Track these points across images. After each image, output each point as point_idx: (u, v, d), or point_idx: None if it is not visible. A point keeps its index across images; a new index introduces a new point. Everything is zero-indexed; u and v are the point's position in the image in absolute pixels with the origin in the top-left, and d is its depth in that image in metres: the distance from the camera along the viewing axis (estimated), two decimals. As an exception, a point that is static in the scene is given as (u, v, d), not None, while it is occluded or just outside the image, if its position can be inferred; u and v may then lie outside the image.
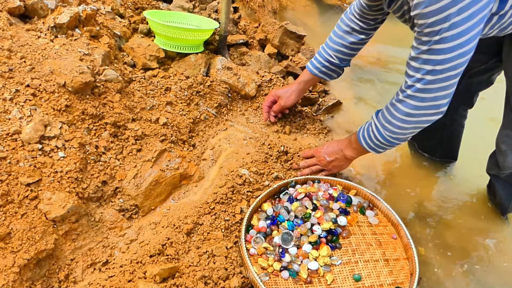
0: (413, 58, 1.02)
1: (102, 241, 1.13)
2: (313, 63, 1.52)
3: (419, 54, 1.00)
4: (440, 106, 1.06)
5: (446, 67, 0.98)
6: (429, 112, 1.07)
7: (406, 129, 1.13)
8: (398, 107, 1.11)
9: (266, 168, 1.40)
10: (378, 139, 1.20)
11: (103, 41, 1.50)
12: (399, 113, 1.11)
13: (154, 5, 1.98)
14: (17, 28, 1.30)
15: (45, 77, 1.20)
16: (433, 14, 0.90)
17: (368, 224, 1.26)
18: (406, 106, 1.09)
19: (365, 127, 1.27)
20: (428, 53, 0.98)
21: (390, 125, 1.14)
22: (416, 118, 1.09)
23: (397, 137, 1.17)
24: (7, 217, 0.98)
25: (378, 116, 1.20)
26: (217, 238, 1.16)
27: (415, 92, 1.05)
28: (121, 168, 1.25)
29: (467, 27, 0.90)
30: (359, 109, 1.94)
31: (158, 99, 1.51)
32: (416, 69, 1.03)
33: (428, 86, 1.02)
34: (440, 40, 0.94)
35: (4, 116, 1.09)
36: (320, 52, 1.50)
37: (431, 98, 1.04)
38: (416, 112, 1.08)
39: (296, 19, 2.72)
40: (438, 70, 0.99)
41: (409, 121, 1.11)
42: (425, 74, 1.01)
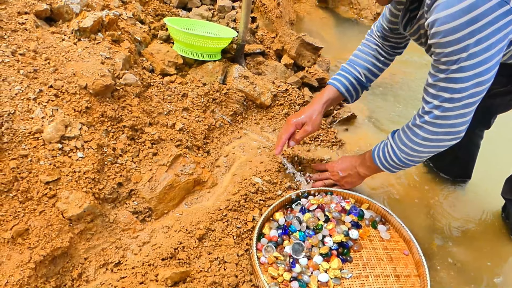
0: (431, 84, 1.02)
1: (115, 242, 1.14)
2: (340, 80, 1.39)
3: (436, 82, 1.00)
4: (458, 132, 1.06)
5: (464, 95, 0.97)
6: (447, 137, 1.07)
7: (423, 153, 1.14)
8: (415, 132, 1.11)
9: (279, 178, 1.40)
10: (393, 160, 1.20)
11: (124, 46, 1.53)
12: (417, 138, 1.11)
13: (174, 13, 2.02)
14: (43, 30, 1.34)
15: (68, 78, 1.23)
16: (450, 44, 0.89)
17: (380, 239, 1.25)
18: (424, 132, 1.09)
19: (380, 146, 1.27)
20: (445, 81, 0.98)
21: (407, 148, 1.15)
22: (434, 143, 1.09)
23: (413, 159, 1.17)
24: (26, 214, 1.00)
25: (394, 137, 1.20)
26: (228, 244, 1.17)
27: (433, 118, 1.05)
28: (136, 171, 1.27)
29: (486, 58, 0.90)
30: (373, 123, 1.95)
31: (175, 104, 1.53)
32: (434, 96, 1.02)
33: (446, 113, 1.02)
34: (458, 69, 0.93)
35: (28, 115, 1.12)
36: (347, 69, 1.40)
37: (449, 125, 1.04)
38: (434, 137, 1.08)
39: (313, 31, 2.75)
40: (456, 98, 0.98)
41: (427, 145, 1.11)
42: (443, 102, 1.01)
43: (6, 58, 1.17)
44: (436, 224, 1.51)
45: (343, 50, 2.54)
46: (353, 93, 1.41)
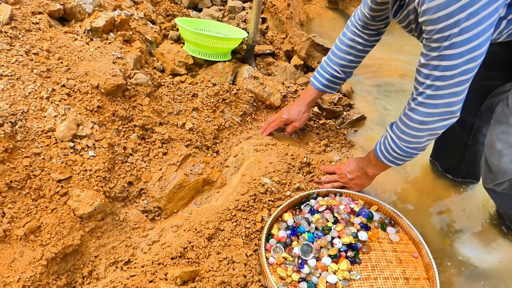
0: (423, 64, 1.02)
1: (125, 240, 1.15)
2: (319, 79, 1.52)
3: (428, 61, 1.00)
4: (453, 111, 1.05)
5: (457, 72, 0.97)
6: (443, 117, 1.06)
7: (421, 137, 1.12)
8: (411, 116, 1.10)
9: (288, 178, 1.40)
10: (395, 151, 1.19)
11: (135, 46, 1.55)
12: (413, 122, 1.10)
13: (185, 13, 2.03)
14: (56, 30, 1.35)
15: (80, 78, 1.25)
16: (442, 20, 0.89)
17: (389, 241, 1.25)
18: (419, 114, 1.08)
19: (381, 141, 1.26)
20: (437, 59, 0.97)
21: (405, 135, 1.14)
22: (430, 125, 1.08)
23: (414, 146, 1.16)
24: (38, 211, 1.02)
25: (393, 128, 1.20)
26: (237, 244, 1.17)
27: (426, 98, 1.05)
28: (147, 170, 1.27)
29: (477, 32, 0.90)
30: (383, 124, 1.94)
31: (185, 104, 1.54)
32: (426, 76, 1.02)
33: (439, 92, 1.02)
34: (450, 46, 0.93)
35: (41, 114, 1.13)
36: (325, 68, 1.50)
37: (444, 104, 1.03)
38: (430, 119, 1.07)
39: (322, 32, 2.74)
40: (448, 75, 0.98)
41: (424, 129, 1.10)
42: (435, 80, 1.01)
43: (20, 57, 1.18)
44: (445, 226, 1.50)
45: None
46: (334, 86, 1.53)
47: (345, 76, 1.50)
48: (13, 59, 1.17)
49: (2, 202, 0.99)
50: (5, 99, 1.10)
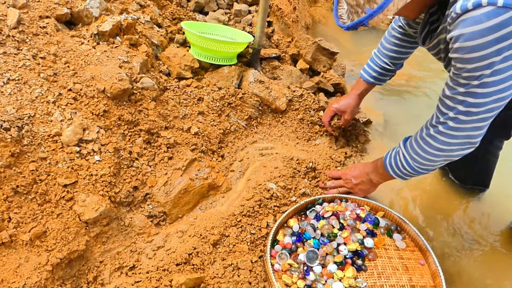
0: (448, 96, 1.00)
1: (130, 245, 1.15)
2: (368, 72, 1.53)
3: (455, 95, 0.98)
4: (473, 142, 1.04)
5: (482, 110, 0.95)
6: (462, 147, 1.06)
7: (436, 162, 1.12)
8: (428, 142, 1.09)
9: (293, 184, 1.40)
10: (405, 168, 1.19)
11: (142, 50, 1.55)
12: (430, 148, 1.09)
13: (191, 16, 2.03)
14: (63, 34, 1.36)
15: (86, 82, 1.25)
16: (475, 61, 0.87)
17: (395, 248, 1.24)
18: (437, 142, 1.07)
19: (392, 154, 1.25)
20: (464, 95, 0.95)
21: (419, 158, 1.13)
22: (447, 152, 1.08)
23: (426, 168, 1.16)
24: (44, 216, 1.02)
25: (406, 146, 1.18)
26: (242, 251, 1.16)
27: (447, 129, 1.03)
28: (152, 175, 1.27)
29: (510, 75, 0.88)
30: (389, 128, 1.92)
31: (190, 108, 1.54)
32: (450, 108, 1.01)
33: (461, 125, 1.00)
34: (479, 85, 0.91)
35: (47, 118, 1.14)
36: (374, 60, 1.51)
37: (464, 136, 1.02)
38: (448, 147, 1.06)
39: (328, 35, 2.73)
40: (473, 112, 0.97)
41: (440, 155, 1.09)
42: (459, 114, 0.99)
43: (28, 61, 1.19)
44: (452, 233, 1.49)
45: (359, 55, 2.52)
46: (384, 78, 1.54)
47: (395, 68, 1.51)
48: (20, 63, 1.17)
49: (8, 207, 0.99)
50: (12, 103, 1.10)
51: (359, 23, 0.92)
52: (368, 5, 0.89)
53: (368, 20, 0.90)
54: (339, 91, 1.95)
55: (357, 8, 0.93)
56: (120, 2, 1.72)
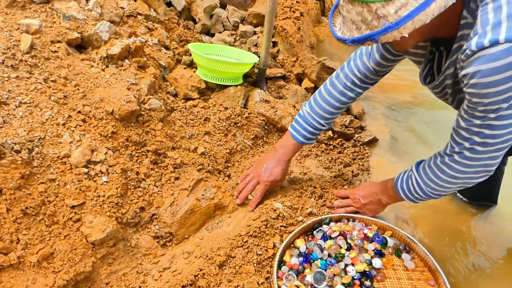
0: (463, 128, 0.99)
1: (136, 267, 1.15)
2: (301, 132, 1.41)
3: (470, 126, 0.96)
4: (489, 171, 1.03)
5: (499, 141, 0.95)
6: (477, 175, 1.05)
7: (450, 188, 1.12)
8: (443, 169, 1.08)
9: (300, 203, 1.39)
10: (418, 193, 1.18)
11: (149, 72, 1.58)
12: (445, 175, 1.09)
13: (198, 38, 2.07)
14: (73, 57, 1.39)
15: (95, 104, 1.27)
16: (491, 96, 0.86)
17: (404, 268, 1.22)
18: (452, 170, 1.06)
19: (403, 177, 1.24)
20: (480, 127, 0.94)
21: (433, 184, 1.13)
22: (462, 180, 1.07)
23: (439, 193, 1.15)
24: (52, 238, 1.03)
25: (419, 171, 1.17)
26: (248, 272, 1.16)
27: (463, 159, 1.03)
28: (158, 195, 1.28)
29: None
30: (395, 146, 1.92)
31: (197, 128, 1.56)
32: (465, 138, 1.00)
33: (477, 155, 1.00)
34: (496, 118, 0.90)
35: (57, 140, 1.16)
36: (307, 120, 1.40)
37: (480, 165, 1.02)
38: (463, 175, 1.06)
39: (333, 54, 2.76)
40: (490, 143, 0.96)
41: (455, 182, 1.08)
42: (475, 145, 0.98)
43: (39, 85, 1.22)
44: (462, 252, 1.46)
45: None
46: (314, 138, 1.45)
47: (328, 128, 1.44)
48: (32, 87, 1.20)
49: (17, 229, 1.00)
50: (23, 125, 1.12)
51: (369, 37, 0.85)
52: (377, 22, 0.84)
53: (380, 36, 0.83)
54: (344, 110, 1.96)
55: (361, 24, 0.88)
56: (129, 26, 1.76)
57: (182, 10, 2.13)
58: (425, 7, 0.77)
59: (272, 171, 1.42)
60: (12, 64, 1.21)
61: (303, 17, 2.52)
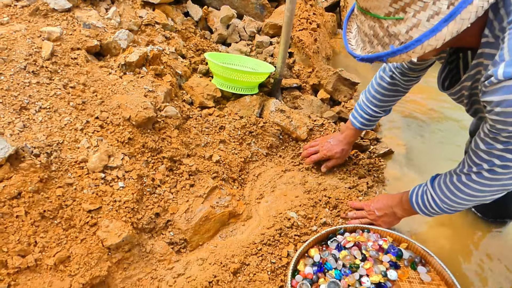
0: (483, 150, 0.97)
1: (150, 272, 1.15)
2: (359, 119, 1.54)
3: (491, 149, 0.95)
4: (507, 189, 1.02)
5: None
6: (495, 193, 1.03)
7: (466, 205, 1.10)
8: (460, 188, 1.07)
9: (314, 213, 1.38)
10: (433, 208, 1.17)
11: (166, 79, 1.60)
12: (462, 193, 1.07)
13: (214, 48, 2.09)
14: (92, 64, 1.42)
15: (113, 110, 1.29)
16: None
17: (420, 281, 1.20)
18: (470, 189, 1.05)
19: (418, 192, 1.23)
20: (502, 151, 0.93)
21: (449, 200, 1.11)
22: (480, 198, 1.06)
23: (455, 209, 1.14)
24: (68, 241, 1.04)
25: (435, 186, 1.16)
26: (262, 280, 1.15)
27: (481, 179, 1.01)
28: (174, 202, 1.29)
29: None
30: (410, 158, 1.90)
31: (212, 136, 1.57)
32: (485, 160, 0.98)
33: (497, 176, 0.98)
34: None
35: (74, 145, 1.17)
36: (363, 109, 1.51)
37: (499, 185, 1.00)
38: (481, 194, 1.04)
39: (349, 66, 2.76)
40: (510, 166, 0.94)
41: (472, 200, 1.07)
42: (495, 167, 0.97)
43: (59, 90, 1.24)
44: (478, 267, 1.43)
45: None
46: (373, 124, 1.57)
47: (385, 114, 1.53)
48: (51, 93, 1.23)
49: (35, 232, 1.01)
50: (43, 130, 1.14)
51: (377, 58, 0.84)
52: (388, 39, 0.83)
53: (388, 57, 0.82)
54: (360, 121, 1.95)
55: (373, 38, 0.87)
56: (147, 35, 1.79)
57: (199, 20, 2.16)
58: (435, 32, 0.75)
59: (332, 147, 1.60)
60: (33, 70, 1.24)
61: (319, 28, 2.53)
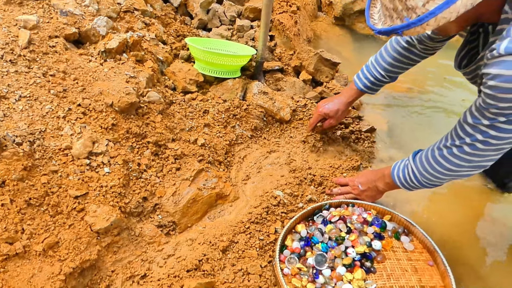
0: (469, 124, 1.00)
1: (141, 255, 1.17)
2: (362, 80, 1.50)
3: (477, 124, 0.97)
4: (485, 166, 1.05)
5: (501, 143, 0.96)
6: (473, 170, 1.06)
7: (444, 179, 1.14)
8: (440, 162, 1.10)
9: (300, 191, 1.41)
10: (413, 181, 1.21)
11: (147, 65, 1.59)
12: (441, 167, 1.10)
13: (195, 33, 2.08)
14: (71, 52, 1.40)
15: (95, 97, 1.29)
16: (506, 101, 0.87)
17: (403, 250, 1.24)
18: (450, 163, 1.08)
19: (400, 166, 1.26)
20: (487, 127, 0.96)
21: (428, 174, 1.15)
22: (458, 173, 1.09)
23: (433, 183, 1.17)
24: (56, 227, 1.04)
25: (416, 161, 1.19)
26: (251, 256, 1.17)
27: (462, 153, 1.04)
28: (160, 186, 1.30)
29: None
30: (392, 136, 1.94)
31: (196, 121, 1.57)
32: (468, 134, 1.00)
33: (477, 152, 1.01)
34: (505, 122, 0.92)
35: (57, 133, 1.17)
36: (370, 70, 1.48)
37: (478, 161, 1.03)
38: (460, 169, 1.07)
39: (330, 48, 2.77)
40: (492, 143, 0.97)
41: (450, 174, 1.10)
42: (476, 142, 0.99)
43: (38, 79, 1.23)
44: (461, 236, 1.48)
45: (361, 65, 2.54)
46: (376, 88, 1.53)
47: (390, 80, 1.49)
48: (31, 81, 1.22)
49: (22, 219, 1.02)
50: (24, 119, 1.14)
51: (393, 31, 0.86)
52: (406, 13, 0.84)
53: (403, 30, 0.84)
54: (342, 100, 1.97)
55: (393, 12, 0.88)
56: (126, 21, 1.77)
57: (179, 5, 2.14)
58: (449, 5, 0.77)
59: (328, 107, 1.57)
60: (10, 59, 1.22)
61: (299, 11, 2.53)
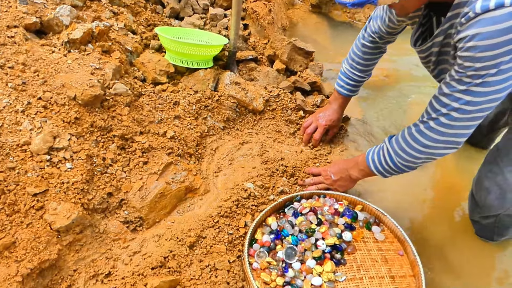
0: (445, 94, 1.00)
1: (105, 252, 1.13)
2: (345, 87, 1.62)
3: (453, 92, 0.98)
4: (459, 142, 1.05)
5: (476, 109, 0.96)
6: (447, 146, 1.06)
7: (419, 159, 1.13)
8: (416, 137, 1.10)
9: (271, 182, 1.39)
10: (388, 164, 1.20)
11: (115, 56, 1.54)
12: (416, 144, 1.10)
13: (166, 22, 2.03)
14: (32, 43, 1.34)
15: (57, 90, 1.24)
16: (485, 60, 0.87)
17: (374, 240, 1.24)
18: (425, 138, 1.08)
19: (375, 150, 1.26)
20: (462, 93, 0.96)
21: (404, 153, 1.14)
22: (432, 150, 1.08)
23: (408, 165, 1.16)
24: (13, 227, 1.00)
25: (392, 142, 1.19)
26: (220, 251, 1.15)
27: (438, 125, 1.04)
28: (127, 180, 1.26)
29: (510, 75, 0.89)
30: (366, 125, 1.93)
31: (166, 113, 1.53)
32: (444, 104, 1.01)
33: (452, 122, 1.01)
34: (481, 84, 0.92)
35: (15, 128, 1.12)
36: (348, 75, 1.59)
37: (452, 134, 1.03)
38: (434, 144, 1.07)
39: (307, 36, 2.75)
40: (467, 110, 0.97)
41: (425, 152, 1.10)
42: (452, 111, 1.00)
43: (-6, 71, 1.17)
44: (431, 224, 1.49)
45: (338, 53, 2.54)
46: (357, 90, 1.65)
47: (367, 77, 1.62)
48: (-14, 74, 1.16)
49: (-24, 219, 0.97)
50: (-21, 114, 1.08)
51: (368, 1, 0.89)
52: None
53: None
54: (315, 90, 1.96)
55: None
56: (93, 10, 1.71)
57: (149, -6, 2.08)
58: None
59: (329, 117, 1.65)
60: (-36, 51, 1.16)
61: (274, -1, 2.49)
